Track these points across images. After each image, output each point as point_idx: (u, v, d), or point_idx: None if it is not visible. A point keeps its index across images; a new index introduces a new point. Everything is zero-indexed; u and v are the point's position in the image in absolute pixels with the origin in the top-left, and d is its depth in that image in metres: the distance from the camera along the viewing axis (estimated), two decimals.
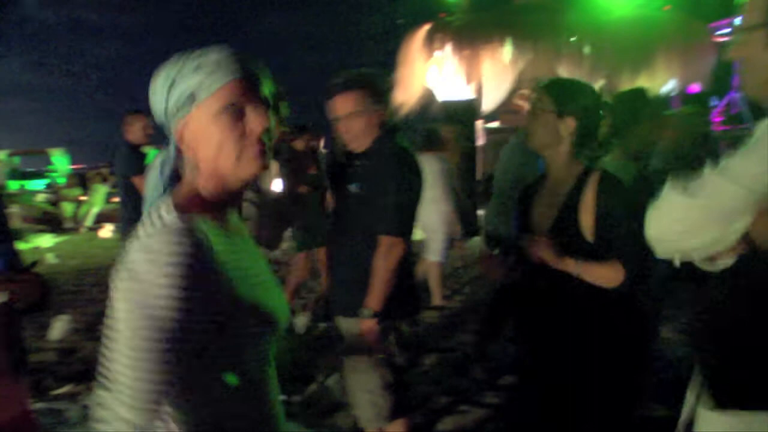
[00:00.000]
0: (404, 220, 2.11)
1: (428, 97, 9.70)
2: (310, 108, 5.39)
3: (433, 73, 9.89)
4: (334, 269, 2.26)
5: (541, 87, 1.85)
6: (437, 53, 9.72)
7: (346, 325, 2.17)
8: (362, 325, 2.06)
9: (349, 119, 2.11)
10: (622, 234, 1.67)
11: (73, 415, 3.07)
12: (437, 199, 4.61)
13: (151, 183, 1.05)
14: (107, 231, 10.37)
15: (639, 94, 2.73)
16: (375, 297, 2.05)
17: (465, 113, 9.26)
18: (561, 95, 1.80)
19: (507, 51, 9.05)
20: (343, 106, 2.11)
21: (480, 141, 9.89)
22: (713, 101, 10.18)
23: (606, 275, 1.70)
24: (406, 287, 2.16)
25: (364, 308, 2.06)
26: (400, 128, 2.24)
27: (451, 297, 5.32)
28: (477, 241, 5.95)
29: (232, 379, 0.98)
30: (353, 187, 2.15)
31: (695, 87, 9.41)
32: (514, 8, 9.91)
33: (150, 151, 4.33)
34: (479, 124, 9.94)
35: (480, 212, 6.10)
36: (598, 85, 7.44)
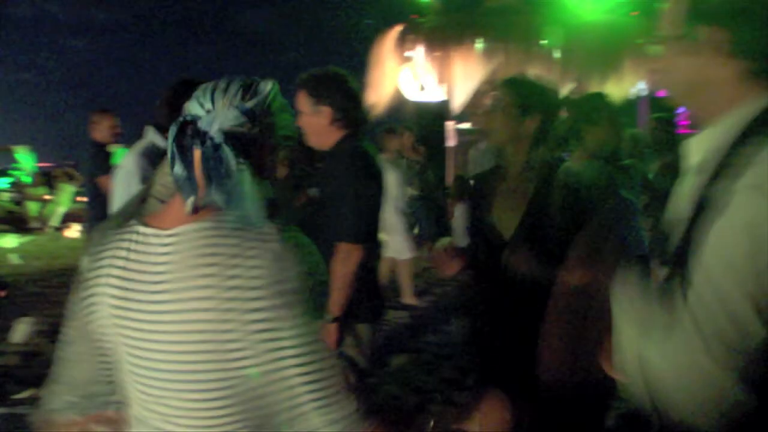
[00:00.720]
0: (363, 226, 2.09)
1: (399, 99, 9.72)
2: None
3: (405, 74, 9.92)
4: None
5: (505, 84, 1.87)
6: (409, 54, 9.76)
7: None
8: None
9: (301, 118, 2.13)
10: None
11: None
12: (394, 198, 4.68)
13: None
14: (74, 231, 10.20)
15: (597, 97, 2.80)
16: (333, 302, 2.05)
17: (436, 114, 9.31)
18: (525, 93, 1.82)
19: (478, 53, 9.12)
20: (297, 104, 2.13)
21: (451, 142, 9.96)
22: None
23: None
24: (368, 291, 2.16)
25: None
26: (364, 130, 2.24)
27: (420, 297, 5.34)
28: (446, 241, 5.98)
29: None
30: (312, 191, 2.15)
31: (663, 91, 9.57)
32: (485, 10, 9.99)
33: (117, 150, 4.28)
34: (450, 125, 10.01)
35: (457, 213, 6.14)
36: (567, 88, 7.53)
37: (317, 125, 2.11)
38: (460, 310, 3.49)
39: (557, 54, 9.10)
